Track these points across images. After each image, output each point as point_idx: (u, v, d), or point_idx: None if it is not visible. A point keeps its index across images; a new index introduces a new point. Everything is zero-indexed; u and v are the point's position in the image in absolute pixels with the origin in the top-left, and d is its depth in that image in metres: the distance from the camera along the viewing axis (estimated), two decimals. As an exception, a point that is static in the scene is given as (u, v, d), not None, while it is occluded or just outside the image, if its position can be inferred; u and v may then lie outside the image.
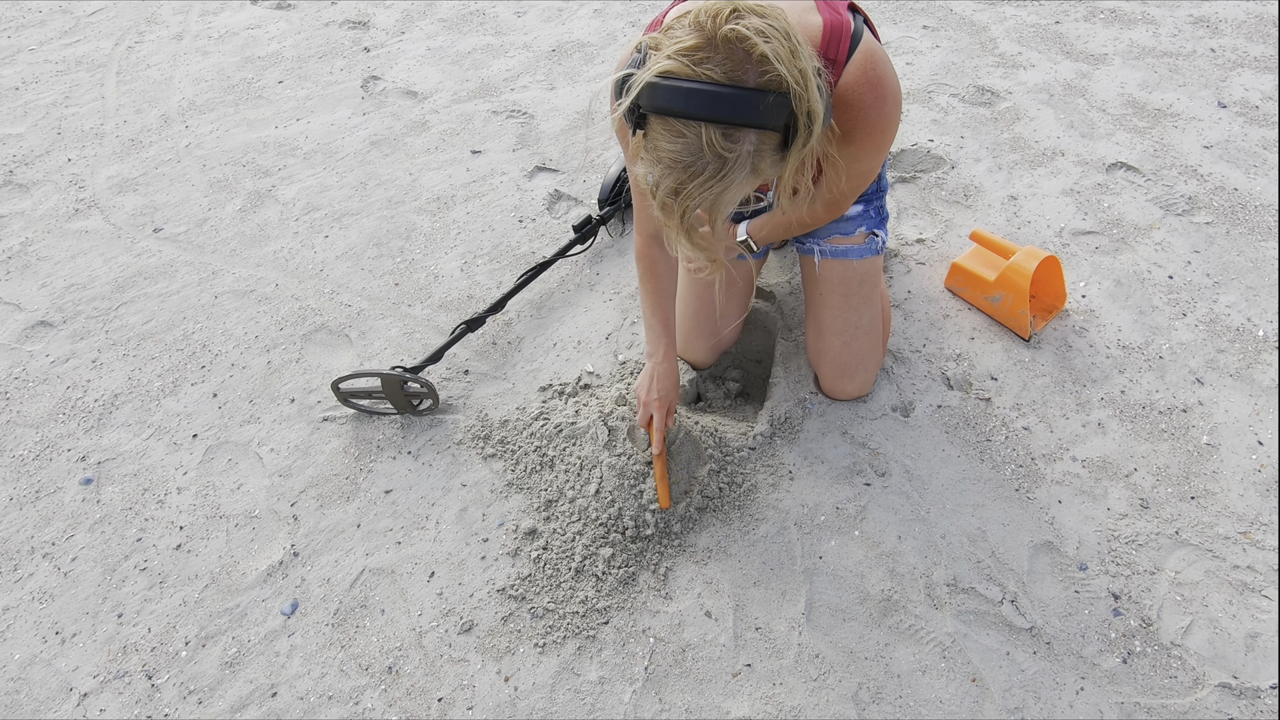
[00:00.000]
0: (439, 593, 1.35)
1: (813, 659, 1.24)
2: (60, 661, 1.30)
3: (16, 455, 1.61)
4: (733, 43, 0.85)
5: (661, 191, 0.93)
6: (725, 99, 0.85)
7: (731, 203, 0.96)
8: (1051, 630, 1.25)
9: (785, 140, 0.91)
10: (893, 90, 1.12)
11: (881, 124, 1.13)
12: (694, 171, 0.90)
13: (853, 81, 1.09)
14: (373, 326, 1.83)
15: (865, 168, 1.22)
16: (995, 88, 2.43)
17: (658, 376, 1.37)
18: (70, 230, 2.15)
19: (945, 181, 2.11)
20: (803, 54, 0.88)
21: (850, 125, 1.12)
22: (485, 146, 2.34)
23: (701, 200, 0.92)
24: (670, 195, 0.93)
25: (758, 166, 0.93)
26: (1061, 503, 1.41)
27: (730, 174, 0.91)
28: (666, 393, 1.38)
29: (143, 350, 1.81)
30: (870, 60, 1.10)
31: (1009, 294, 1.67)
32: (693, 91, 0.86)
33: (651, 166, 0.93)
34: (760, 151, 0.91)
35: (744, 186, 0.94)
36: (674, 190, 0.92)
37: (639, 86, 0.88)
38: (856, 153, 1.16)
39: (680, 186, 0.91)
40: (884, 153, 1.20)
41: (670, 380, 1.38)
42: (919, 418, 1.56)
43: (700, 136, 0.88)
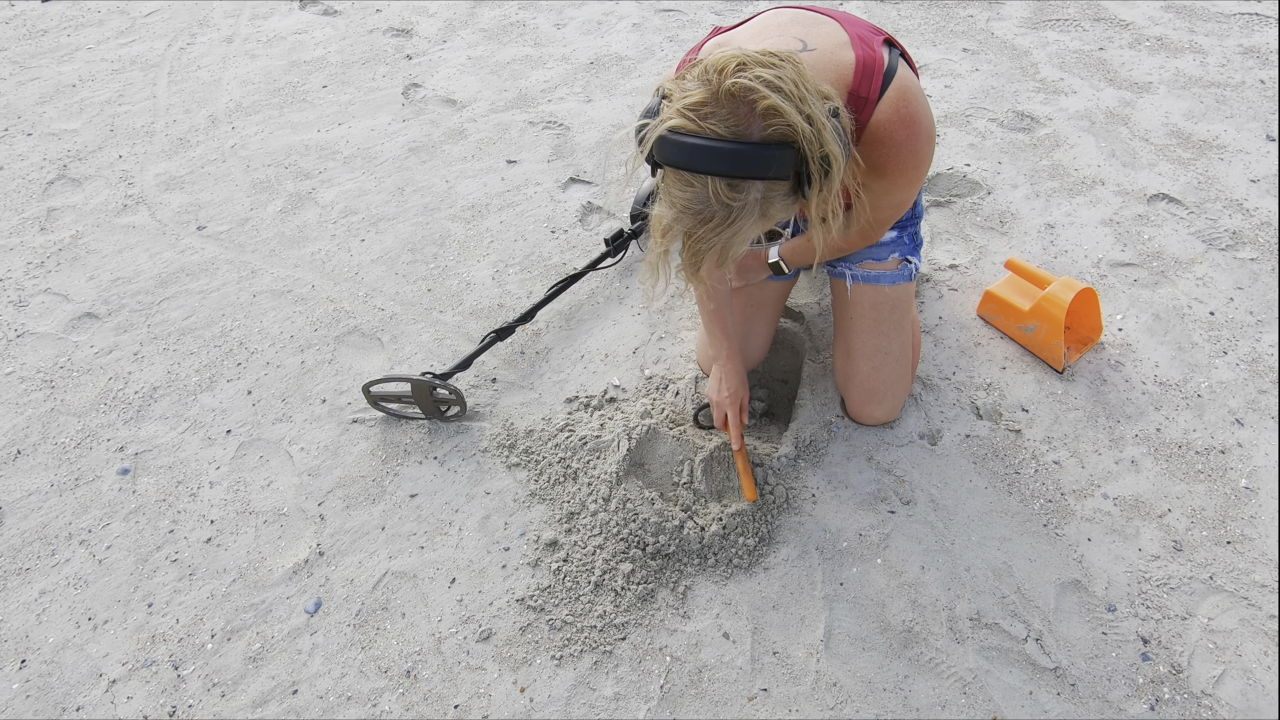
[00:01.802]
0: (459, 599, 1.36)
1: (830, 687, 1.23)
2: (92, 647, 1.34)
3: (59, 443, 1.66)
4: (737, 97, 0.88)
5: (674, 232, 0.98)
6: (727, 154, 0.89)
7: (742, 244, 1.00)
8: (1077, 672, 1.23)
9: (799, 185, 0.94)
10: (925, 126, 1.12)
11: (914, 160, 1.13)
12: (703, 218, 0.94)
13: (885, 119, 1.10)
14: (404, 331, 1.85)
15: (898, 200, 1.22)
16: (1035, 113, 2.40)
17: (725, 376, 1.45)
18: (118, 225, 2.22)
19: (981, 207, 2.09)
20: (812, 100, 0.91)
21: (882, 161, 1.12)
22: (521, 156, 2.37)
23: (711, 244, 0.97)
24: (684, 237, 0.98)
25: (767, 212, 0.97)
26: (1091, 541, 1.38)
27: (737, 221, 0.95)
28: (736, 389, 1.45)
29: (182, 345, 1.86)
30: (903, 97, 1.10)
31: (1044, 324, 1.64)
32: (696, 147, 0.89)
33: (667, 209, 0.98)
34: (769, 198, 0.95)
35: (754, 230, 0.99)
36: (686, 233, 0.97)
37: (652, 138, 0.93)
38: (889, 187, 1.17)
39: (691, 230, 0.96)
40: (917, 186, 1.20)
41: (737, 378, 1.45)
42: (946, 446, 1.54)
43: (707, 187, 0.92)
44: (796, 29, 1.13)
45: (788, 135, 0.88)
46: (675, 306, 1.87)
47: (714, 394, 1.48)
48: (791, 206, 0.96)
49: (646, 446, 1.52)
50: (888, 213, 1.25)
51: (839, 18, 1.16)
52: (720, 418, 1.48)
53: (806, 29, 1.13)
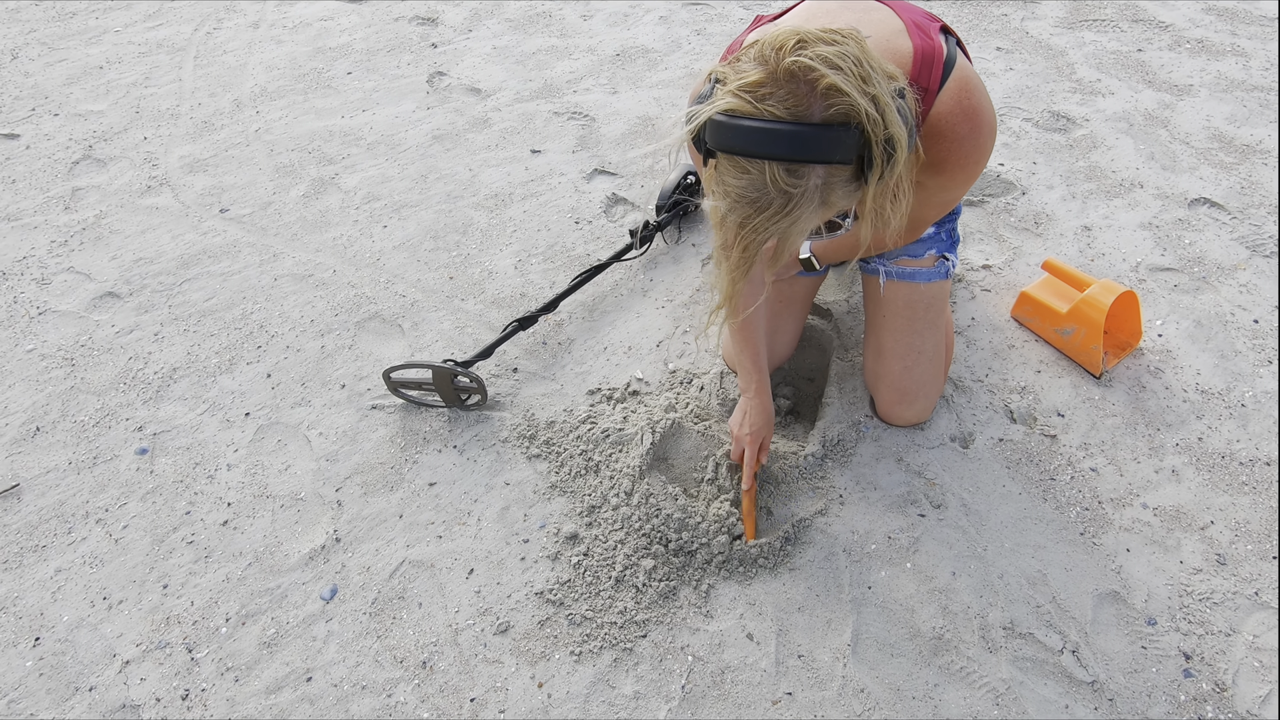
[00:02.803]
0: (477, 590, 1.34)
1: (857, 693, 1.19)
2: (106, 627, 1.32)
3: (78, 421, 1.65)
4: (796, 76, 0.83)
5: (728, 224, 0.93)
6: (785, 137, 0.83)
7: (800, 235, 0.95)
8: (1115, 686, 1.18)
9: (861, 169, 0.89)
10: (988, 120, 1.07)
11: (976, 155, 1.09)
12: (759, 206, 0.89)
13: (946, 111, 1.05)
14: (425, 318, 1.83)
15: (951, 197, 1.17)
16: (1071, 114, 2.35)
17: (750, 411, 1.37)
18: (142, 206, 2.21)
19: (1015, 208, 2.04)
20: (876, 79, 0.85)
21: (942, 156, 1.08)
22: (545, 146, 2.35)
23: (768, 234, 0.91)
24: (736, 228, 0.92)
25: (828, 199, 0.91)
26: (1130, 551, 1.34)
27: (796, 209, 0.89)
28: (759, 428, 1.37)
29: (202, 327, 1.85)
30: (965, 88, 1.05)
31: (1081, 328, 1.60)
32: (753, 130, 0.84)
33: (720, 199, 0.93)
34: (830, 184, 0.89)
35: (813, 219, 0.93)
36: (740, 224, 0.91)
37: (703, 122, 0.88)
38: (945, 183, 1.12)
39: (746, 220, 0.91)
40: (972, 183, 1.16)
41: (763, 416, 1.37)
42: (979, 450, 1.50)
43: (764, 173, 0.86)
44: (847, 15, 1.09)
45: (850, 116, 0.83)
46: (701, 300, 1.84)
47: (735, 427, 1.40)
48: (854, 194, 0.90)
49: (670, 441, 1.48)
50: (936, 210, 1.21)
51: (891, 3, 1.12)
52: (737, 453, 1.41)
53: (858, 15, 1.08)
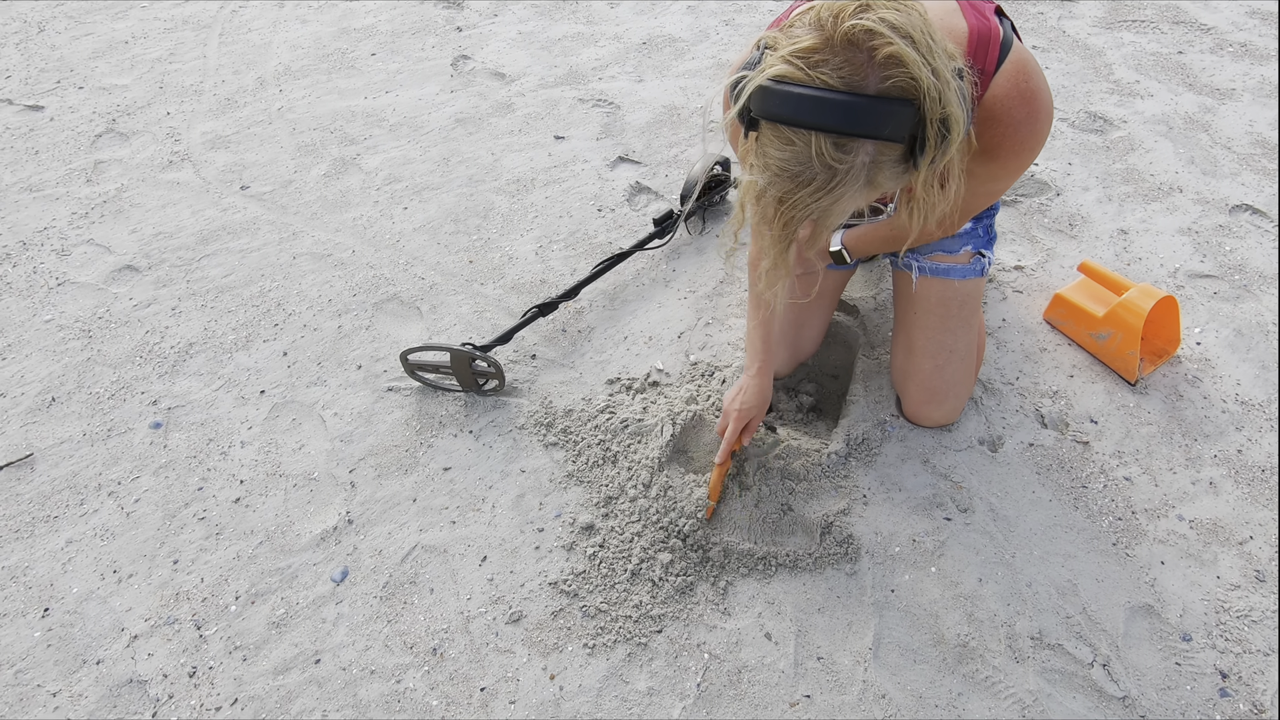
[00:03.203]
0: (490, 578, 1.31)
1: (878, 699, 1.15)
2: (115, 600, 1.31)
3: (93, 393, 1.64)
4: (854, 43, 0.78)
5: (767, 198, 0.88)
6: (836, 107, 0.79)
7: (841, 215, 0.90)
8: (1147, 703, 1.14)
9: (912, 150, 0.85)
10: (1046, 105, 1.03)
11: (1031, 142, 1.04)
12: (801, 181, 0.84)
13: (1002, 94, 1.01)
14: (444, 301, 1.81)
15: (999, 187, 1.13)
16: (1109, 115, 2.29)
17: (747, 389, 1.33)
18: (163, 181, 2.20)
19: (1049, 208, 1.99)
20: (939, 52, 0.81)
21: (995, 141, 1.03)
22: (569, 133, 2.32)
23: (808, 211, 0.87)
24: (775, 203, 0.87)
25: (874, 179, 0.86)
26: (1164, 564, 1.29)
27: (840, 186, 0.84)
28: (750, 407, 1.33)
29: (220, 303, 1.83)
30: (1023, 71, 1.01)
31: (1118, 332, 1.55)
32: (803, 98, 0.79)
33: (760, 172, 0.88)
34: (879, 163, 0.84)
35: (857, 199, 0.88)
36: (780, 199, 0.87)
37: (751, 88, 0.83)
38: (995, 171, 1.08)
39: (786, 195, 0.86)
40: (1023, 172, 1.11)
41: (757, 397, 1.33)
42: (1008, 454, 1.45)
43: (810, 146, 0.82)
44: None
45: (908, 90, 0.78)
46: (724, 293, 1.80)
47: (728, 401, 1.36)
48: (901, 176, 0.86)
49: (690, 433, 1.45)
50: (980, 201, 1.16)
51: None
52: (722, 425, 1.36)
53: None
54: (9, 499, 1.46)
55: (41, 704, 1.19)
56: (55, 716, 1.18)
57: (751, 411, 1.33)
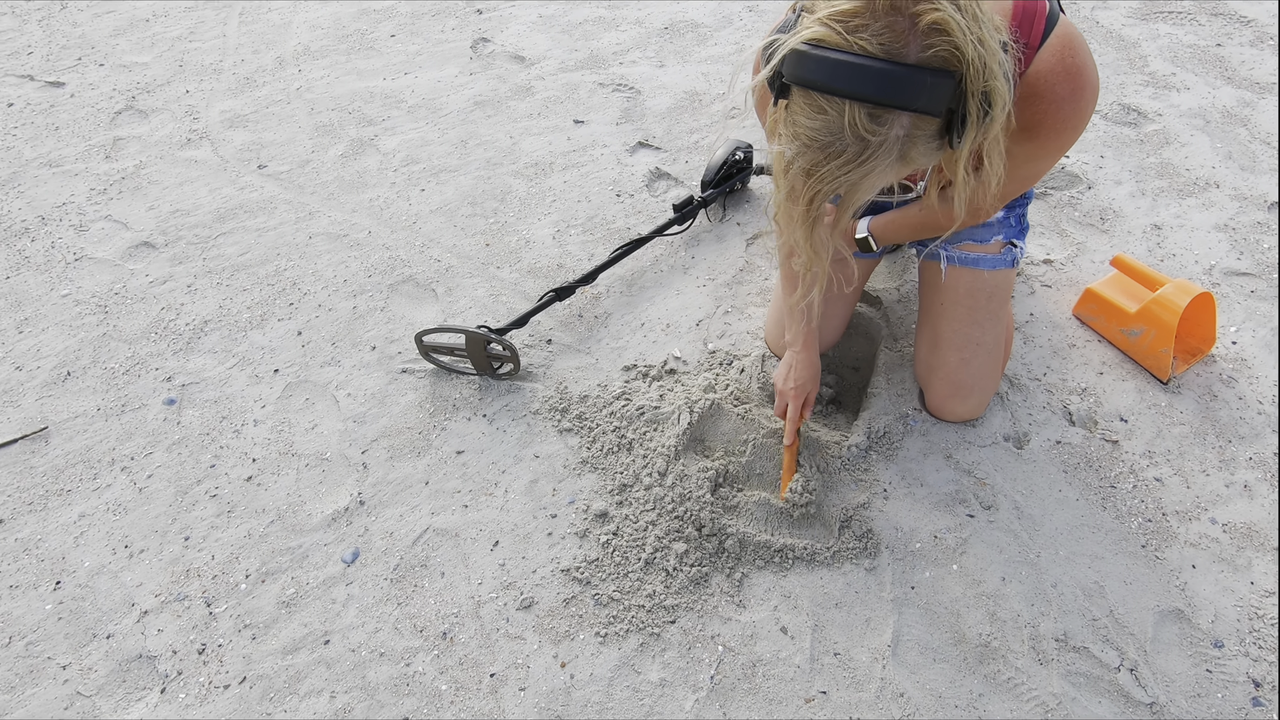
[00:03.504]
0: (501, 563, 1.29)
1: (896, 697, 1.12)
2: (126, 575, 1.30)
3: (108, 368, 1.64)
4: (897, 8, 0.74)
5: (794, 170, 0.84)
6: (873, 75, 0.75)
7: (869, 191, 0.86)
8: (1176, 710, 1.10)
9: (948, 125, 0.81)
10: (1092, 82, 0.98)
11: (1074, 120, 1.00)
12: (831, 153, 0.81)
13: (1046, 69, 0.97)
14: (460, 284, 1.79)
15: (1037, 169, 1.09)
16: (1143, 108, 2.22)
17: (796, 365, 1.32)
18: (181, 158, 2.19)
19: (1080, 202, 1.94)
20: (985, 21, 0.77)
21: (1037, 119, 0.99)
22: (588, 117, 2.28)
23: (836, 185, 0.83)
24: (802, 175, 0.84)
25: (907, 154, 0.82)
26: (1196, 568, 1.25)
27: (871, 160, 0.80)
28: (804, 382, 1.32)
29: (235, 281, 1.82)
30: (1069, 45, 0.97)
31: (1151, 329, 1.50)
32: (839, 64, 0.76)
33: (789, 142, 0.84)
34: (913, 137, 0.81)
35: (887, 175, 0.84)
36: (807, 170, 0.83)
37: (784, 51, 0.79)
38: (1035, 151, 1.04)
39: (815, 167, 0.82)
40: (1063, 153, 1.07)
41: (809, 370, 1.33)
42: (1034, 451, 1.42)
43: (843, 115, 0.78)
44: None
45: (950, 61, 0.74)
46: (744, 281, 1.77)
47: (780, 381, 1.37)
48: (935, 152, 0.82)
49: (708, 422, 1.42)
50: (1017, 184, 1.12)
51: None
52: (780, 407, 1.36)
53: None
54: (23, 471, 1.46)
55: (52, 676, 1.19)
56: (65, 690, 1.17)
57: (806, 387, 1.33)
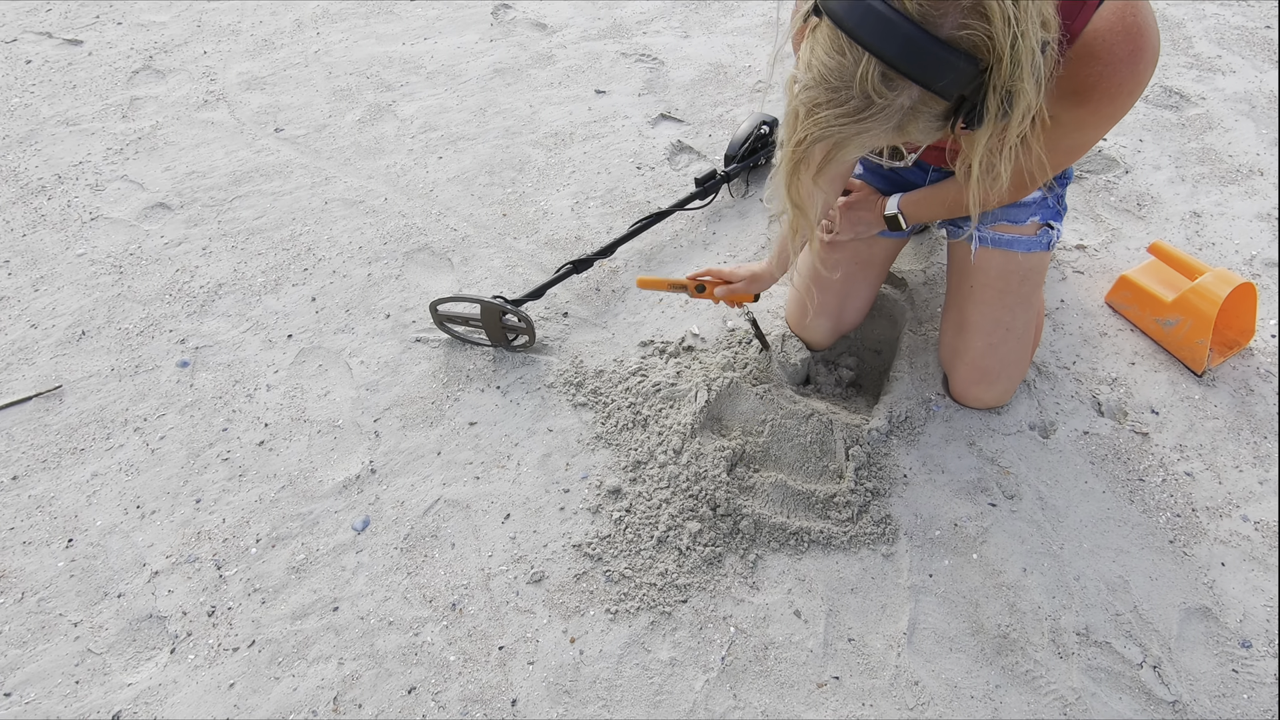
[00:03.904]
0: (512, 536, 1.28)
1: (911, 685, 1.10)
2: (138, 535, 1.30)
3: (122, 328, 1.63)
4: None
5: (798, 99, 0.82)
6: (899, 36, 0.72)
7: (859, 150, 0.84)
8: (1199, 709, 1.07)
9: (956, 109, 0.78)
10: (1152, 45, 0.93)
11: (1131, 85, 0.95)
12: (836, 100, 0.78)
13: (1105, 27, 0.91)
14: (475, 254, 1.76)
15: (1086, 139, 1.03)
16: (1186, 91, 2.14)
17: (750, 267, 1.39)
18: (197, 120, 2.17)
19: (1116, 186, 1.87)
20: (1031, 19, 0.73)
21: (1090, 82, 0.94)
22: (610, 88, 2.23)
23: (828, 133, 0.80)
24: (804, 109, 0.81)
25: (905, 126, 0.80)
26: (1225, 566, 1.21)
27: (869, 120, 0.78)
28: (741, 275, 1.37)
29: (250, 245, 1.80)
30: (1131, 3, 0.91)
31: (1188, 319, 1.45)
32: (871, 11, 0.73)
33: (803, 71, 0.81)
34: (917, 111, 0.79)
35: (878, 138, 0.82)
36: (809, 107, 0.80)
37: None
38: (1085, 118, 0.98)
39: (815, 108, 0.80)
40: (1115, 122, 1.01)
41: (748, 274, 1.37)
42: (1060, 441, 1.38)
43: (858, 66, 0.75)
44: None
45: (980, 49, 0.72)
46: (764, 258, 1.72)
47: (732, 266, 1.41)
48: (934, 131, 0.81)
49: (726, 401, 1.40)
50: (1061, 156, 1.07)
51: None
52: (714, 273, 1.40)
53: None
54: (38, 429, 1.46)
55: (63, 633, 1.19)
56: (76, 646, 1.18)
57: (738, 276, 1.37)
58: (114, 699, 1.12)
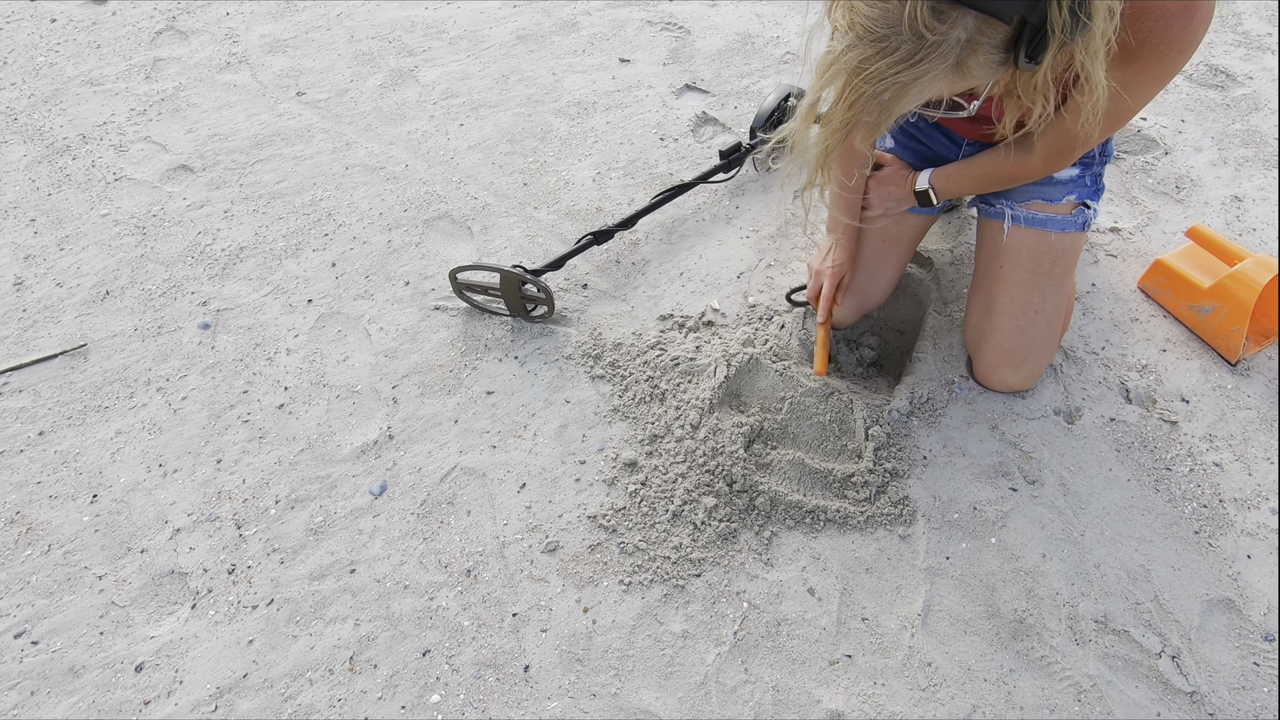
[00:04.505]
0: (528, 506, 1.28)
1: (924, 666, 1.10)
2: (160, 493, 1.32)
3: (145, 289, 1.64)
4: None
5: (842, 64, 0.78)
6: None
7: (916, 99, 0.80)
8: (1218, 700, 1.06)
9: (1017, 38, 0.73)
10: (1207, 2, 0.88)
11: (1182, 43, 0.90)
12: (885, 49, 0.74)
13: None
14: (495, 223, 1.74)
15: (1131, 104, 0.99)
16: (1232, 70, 2.06)
17: (835, 247, 1.34)
18: (220, 82, 2.16)
19: (1154, 168, 1.81)
20: None
21: (1139, 38, 0.89)
22: (635, 56, 2.19)
23: (882, 88, 0.77)
24: (849, 74, 0.77)
25: (965, 63, 0.76)
26: (1251, 558, 1.19)
27: (926, 62, 0.74)
28: (841, 263, 1.33)
29: (271, 209, 1.80)
30: None
31: (1225, 306, 1.41)
32: None
33: (842, 35, 0.78)
34: (976, 44, 0.74)
35: (938, 83, 0.78)
36: (856, 68, 0.77)
37: None
38: (1134, 78, 0.93)
39: (864, 64, 0.76)
40: (1166, 82, 0.97)
41: (846, 253, 1.33)
42: (1086, 427, 1.35)
43: (904, 5, 0.71)
44: None
45: None
46: (789, 235, 1.69)
47: (817, 262, 1.36)
48: (997, 67, 0.76)
49: (745, 377, 1.38)
50: (1108, 122, 1.02)
51: None
52: (815, 288, 1.37)
53: None
54: (63, 386, 1.48)
55: (88, 585, 1.22)
56: (101, 599, 1.20)
57: (844, 268, 1.33)
58: (137, 650, 1.15)
